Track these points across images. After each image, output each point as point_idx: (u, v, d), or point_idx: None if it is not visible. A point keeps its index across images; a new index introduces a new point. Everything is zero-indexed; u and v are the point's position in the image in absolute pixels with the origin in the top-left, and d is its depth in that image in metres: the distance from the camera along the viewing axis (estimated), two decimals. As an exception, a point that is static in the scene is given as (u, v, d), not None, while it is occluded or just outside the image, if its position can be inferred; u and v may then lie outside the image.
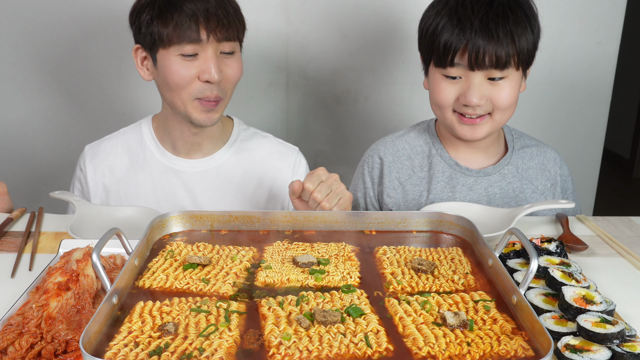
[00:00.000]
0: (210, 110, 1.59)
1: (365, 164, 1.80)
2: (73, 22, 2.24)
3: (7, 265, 1.31)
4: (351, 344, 0.92)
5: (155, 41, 1.52)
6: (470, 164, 1.71)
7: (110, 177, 1.74)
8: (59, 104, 2.37)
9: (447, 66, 1.53)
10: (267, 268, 1.17)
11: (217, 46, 1.54)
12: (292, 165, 1.80)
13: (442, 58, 1.53)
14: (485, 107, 1.54)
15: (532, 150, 1.75)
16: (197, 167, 1.73)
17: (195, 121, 1.60)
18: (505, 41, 1.47)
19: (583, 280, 1.15)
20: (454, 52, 1.50)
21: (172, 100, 1.59)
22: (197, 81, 1.54)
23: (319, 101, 2.42)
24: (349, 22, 2.30)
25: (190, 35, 1.49)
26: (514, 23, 1.48)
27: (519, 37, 1.49)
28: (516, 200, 1.70)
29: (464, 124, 1.58)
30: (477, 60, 1.48)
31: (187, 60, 1.52)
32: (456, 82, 1.54)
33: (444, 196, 1.70)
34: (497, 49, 1.47)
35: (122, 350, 0.90)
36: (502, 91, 1.53)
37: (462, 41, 1.49)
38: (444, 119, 1.62)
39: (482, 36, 1.47)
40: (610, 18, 2.32)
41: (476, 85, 1.51)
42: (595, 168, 2.55)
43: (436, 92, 1.58)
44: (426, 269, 1.16)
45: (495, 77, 1.52)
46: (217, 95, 1.57)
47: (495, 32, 1.47)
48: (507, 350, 0.92)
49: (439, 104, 1.59)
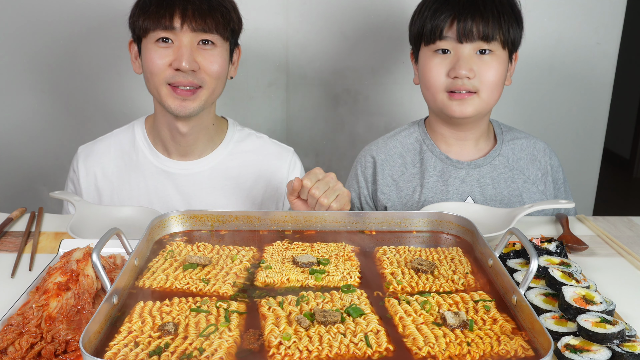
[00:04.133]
0: (185, 99, 1.57)
1: (358, 164, 1.82)
2: (73, 21, 2.24)
3: (7, 265, 1.31)
4: (351, 344, 0.92)
5: (139, 31, 1.57)
6: (461, 158, 1.74)
7: (102, 179, 1.74)
8: (59, 104, 2.37)
9: (436, 40, 1.59)
10: (267, 268, 1.17)
11: (193, 36, 1.54)
12: (287, 166, 1.79)
13: (432, 33, 1.60)
14: (473, 82, 1.59)
15: (522, 142, 1.78)
16: (190, 168, 1.73)
17: (169, 109, 1.59)
18: (491, 14, 1.56)
19: (583, 280, 1.15)
20: (443, 25, 1.58)
21: (150, 89, 1.62)
22: (169, 68, 1.55)
23: (319, 101, 2.42)
24: (349, 22, 2.30)
25: (164, 23, 1.52)
26: (499, 3, 1.58)
27: (502, 14, 1.58)
28: (508, 190, 1.72)
29: (454, 100, 1.62)
30: (464, 31, 1.56)
31: (161, 48, 1.55)
32: (446, 56, 1.60)
33: (437, 190, 1.72)
34: (483, 21, 1.56)
35: (122, 350, 0.90)
36: (489, 67, 1.59)
37: (450, 12, 1.57)
38: (435, 101, 1.66)
39: (469, 8, 1.56)
40: (610, 18, 2.32)
41: (465, 57, 1.58)
42: (595, 168, 2.55)
43: (427, 71, 1.64)
44: (426, 269, 1.16)
45: (484, 50, 1.58)
46: (192, 82, 1.56)
47: (482, 5, 1.56)
48: (507, 350, 0.92)
49: (430, 83, 1.64)
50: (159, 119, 1.68)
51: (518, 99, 2.35)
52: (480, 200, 1.70)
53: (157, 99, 1.61)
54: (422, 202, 1.71)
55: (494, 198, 1.70)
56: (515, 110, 2.37)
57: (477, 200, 1.69)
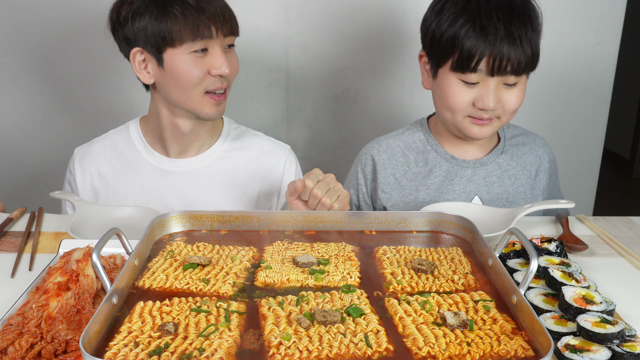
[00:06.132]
0: (219, 103, 1.60)
1: (359, 162, 1.82)
2: (73, 21, 2.24)
3: (7, 265, 1.31)
4: (351, 344, 0.92)
5: (163, 41, 1.50)
6: (467, 157, 1.74)
7: (98, 179, 1.74)
8: (59, 104, 2.37)
9: (467, 71, 1.52)
10: (267, 268, 1.17)
11: (223, 41, 1.55)
12: (283, 164, 1.79)
13: (464, 64, 1.51)
14: (496, 112, 1.57)
15: (523, 139, 1.79)
16: (186, 166, 1.72)
17: (206, 116, 1.60)
18: (527, 47, 1.49)
19: (583, 280, 1.15)
20: (479, 59, 1.50)
21: (181, 98, 1.57)
22: (208, 76, 1.55)
23: (319, 101, 2.42)
24: (349, 22, 2.30)
25: (203, 32, 1.49)
26: (532, 29, 1.51)
27: (535, 43, 1.52)
28: (514, 187, 1.73)
29: (475, 125, 1.59)
30: (500, 66, 1.49)
31: (198, 57, 1.52)
32: (474, 87, 1.55)
33: (443, 189, 1.71)
34: (520, 56, 1.49)
35: (122, 350, 0.90)
36: (513, 96, 1.55)
37: (488, 48, 1.48)
38: (454, 121, 1.62)
39: (507, 43, 1.47)
40: (610, 18, 2.32)
41: (493, 90, 1.53)
42: (595, 168, 2.55)
43: (451, 96, 1.57)
44: (426, 269, 1.16)
45: (510, 83, 1.53)
46: (224, 85, 1.58)
47: (519, 39, 1.48)
48: (507, 350, 0.92)
49: (453, 107, 1.58)
50: (162, 119, 1.66)
51: (518, 99, 2.35)
52: (487, 198, 1.70)
53: (187, 107, 1.58)
54: (427, 202, 1.70)
55: (501, 196, 1.71)
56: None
57: (484, 199, 1.70)
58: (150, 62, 1.56)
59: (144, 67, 1.57)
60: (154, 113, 1.69)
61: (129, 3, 1.52)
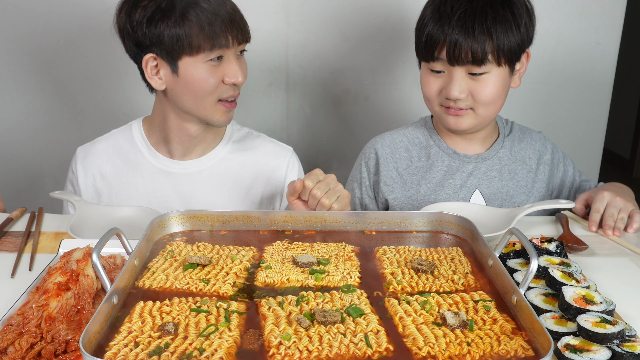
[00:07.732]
0: (230, 110, 1.61)
1: (362, 156, 1.85)
2: (73, 21, 2.24)
3: (7, 265, 1.31)
4: (351, 344, 0.92)
5: (180, 49, 1.48)
6: (468, 152, 1.76)
7: (100, 179, 1.74)
8: (59, 104, 2.37)
9: (430, 60, 1.59)
10: (267, 268, 1.17)
11: (237, 48, 1.56)
12: (285, 165, 1.79)
13: (425, 52, 1.60)
14: (466, 102, 1.59)
15: (520, 135, 1.81)
16: (189, 168, 1.72)
17: (217, 123, 1.61)
18: (481, 38, 1.51)
19: (583, 280, 1.15)
20: (434, 47, 1.56)
21: (193, 106, 1.57)
22: (222, 84, 1.55)
23: (319, 101, 2.42)
24: (349, 22, 2.30)
25: (220, 41, 1.49)
26: (493, 20, 1.52)
27: (497, 34, 1.52)
28: (514, 182, 1.74)
29: (449, 115, 1.63)
30: (454, 55, 1.53)
31: (213, 65, 1.52)
32: (440, 76, 1.60)
33: (444, 183, 1.73)
34: (473, 45, 1.51)
35: (122, 350, 0.90)
36: (483, 87, 1.57)
37: (441, 36, 1.54)
38: (433, 111, 1.69)
39: (459, 32, 1.52)
40: (610, 18, 2.32)
41: (457, 79, 1.56)
42: (595, 168, 2.55)
43: (423, 85, 1.66)
44: (426, 269, 1.16)
45: (476, 73, 1.56)
46: (236, 92, 1.60)
47: (471, 29, 1.51)
48: (507, 350, 0.92)
49: (426, 96, 1.67)
50: (169, 123, 1.65)
51: (518, 99, 2.35)
52: (487, 192, 1.72)
53: (198, 114, 1.59)
54: (429, 196, 1.73)
55: (501, 190, 1.73)
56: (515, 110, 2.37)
57: (484, 193, 1.71)
58: (163, 69, 1.54)
59: (155, 73, 1.55)
60: (159, 115, 1.68)
61: (143, 7, 1.48)
